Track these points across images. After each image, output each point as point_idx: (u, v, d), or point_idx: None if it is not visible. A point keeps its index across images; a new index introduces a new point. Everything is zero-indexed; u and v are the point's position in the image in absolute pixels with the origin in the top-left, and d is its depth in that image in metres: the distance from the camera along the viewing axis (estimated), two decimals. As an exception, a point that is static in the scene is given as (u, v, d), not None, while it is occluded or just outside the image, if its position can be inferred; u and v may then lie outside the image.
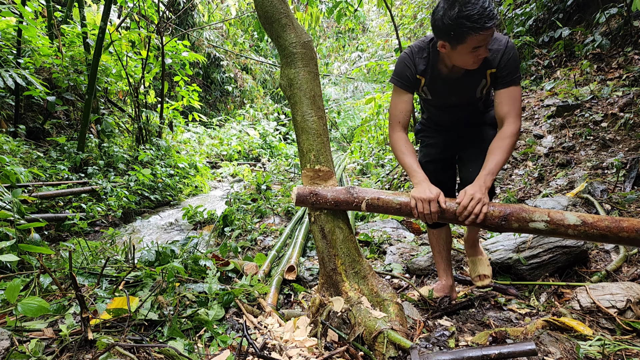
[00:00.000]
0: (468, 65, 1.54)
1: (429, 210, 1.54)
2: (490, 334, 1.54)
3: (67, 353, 1.43)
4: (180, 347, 1.53)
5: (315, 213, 1.79)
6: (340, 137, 15.88)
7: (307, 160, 1.82)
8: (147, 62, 7.15)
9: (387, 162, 7.10)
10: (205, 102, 14.26)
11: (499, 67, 1.59)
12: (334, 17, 6.99)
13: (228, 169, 9.41)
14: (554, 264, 2.15)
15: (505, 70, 1.57)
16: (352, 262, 1.74)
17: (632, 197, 2.63)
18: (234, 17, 13.35)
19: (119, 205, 5.06)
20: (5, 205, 2.74)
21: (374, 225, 3.66)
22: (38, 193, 4.16)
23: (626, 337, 1.52)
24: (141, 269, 2.14)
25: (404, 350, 1.38)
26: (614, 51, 4.76)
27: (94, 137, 6.39)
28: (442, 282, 2.07)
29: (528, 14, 6.04)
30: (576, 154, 3.66)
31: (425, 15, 10.51)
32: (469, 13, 1.37)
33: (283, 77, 1.94)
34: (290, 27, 1.92)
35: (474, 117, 1.89)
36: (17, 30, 5.41)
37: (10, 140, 4.85)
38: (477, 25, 1.37)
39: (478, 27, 1.38)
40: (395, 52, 6.44)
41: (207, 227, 4.55)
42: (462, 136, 1.89)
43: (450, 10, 1.41)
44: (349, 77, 17.24)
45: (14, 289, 1.49)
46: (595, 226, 1.43)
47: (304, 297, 2.27)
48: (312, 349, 1.56)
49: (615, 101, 3.92)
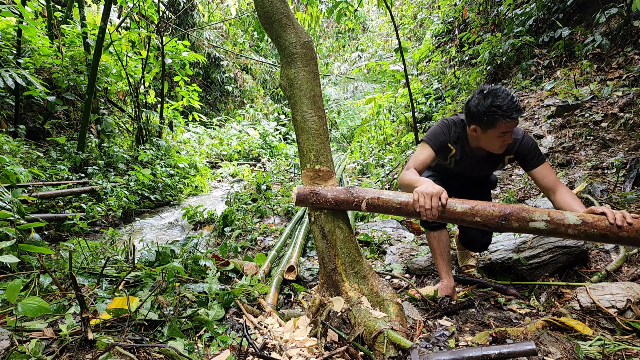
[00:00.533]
0: (495, 149, 1.82)
1: (430, 205, 1.56)
2: (490, 334, 1.54)
3: (67, 353, 1.43)
4: (180, 347, 1.53)
5: (315, 213, 1.79)
6: (340, 137, 15.88)
7: (307, 160, 1.82)
8: (147, 62, 7.15)
9: (387, 162, 7.10)
10: (205, 102, 14.27)
11: (518, 153, 1.91)
12: (334, 17, 6.99)
13: (228, 169, 9.41)
14: (554, 264, 2.15)
15: (530, 155, 1.88)
16: (352, 262, 1.74)
17: (632, 197, 2.63)
18: (234, 17, 13.36)
19: (119, 205, 5.06)
20: (5, 205, 2.74)
21: (374, 225, 3.66)
22: (38, 193, 4.16)
23: (626, 337, 1.52)
24: (141, 269, 2.14)
25: (404, 350, 1.38)
26: (614, 51, 4.76)
27: (94, 137, 6.39)
28: (444, 282, 2.08)
29: (528, 14, 6.04)
30: (576, 154, 3.66)
31: (425, 15, 10.51)
32: (500, 103, 1.68)
33: (283, 77, 1.94)
34: (290, 27, 1.92)
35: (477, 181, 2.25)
36: (17, 30, 5.41)
37: (10, 140, 4.85)
38: (507, 114, 1.67)
39: (507, 115, 1.67)
40: (395, 52, 6.44)
41: (207, 227, 4.55)
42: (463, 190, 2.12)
43: (485, 100, 1.73)
44: (349, 77, 17.24)
45: (14, 289, 1.49)
46: (595, 226, 1.43)
47: (304, 297, 2.27)
48: (312, 349, 1.56)
49: (615, 101, 3.92)
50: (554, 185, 1.81)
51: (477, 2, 7.61)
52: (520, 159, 1.92)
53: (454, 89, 7.68)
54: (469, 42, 7.68)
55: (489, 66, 6.61)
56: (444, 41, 9.09)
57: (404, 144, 7.26)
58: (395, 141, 8.01)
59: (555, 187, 1.81)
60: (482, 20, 7.39)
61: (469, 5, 7.85)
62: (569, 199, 1.74)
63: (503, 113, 1.67)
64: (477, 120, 1.78)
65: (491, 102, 1.70)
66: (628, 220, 1.40)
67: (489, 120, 1.72)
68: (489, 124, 1.73)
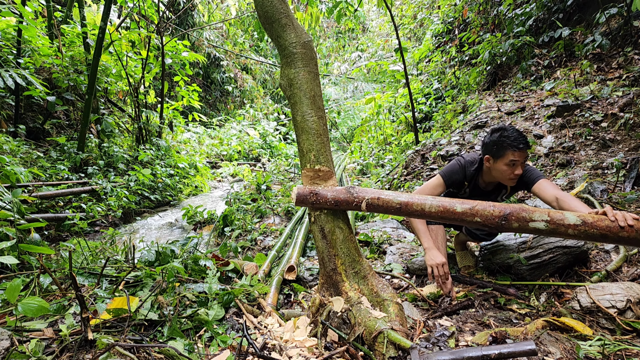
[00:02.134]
0: (505, 179, 2.01)
1: (443, 271, 1.93)
2: (490, 334, 1.54)
3: (67, 353, 1.43)
4: (180, 347, 1.53)
5: (315, 213, 1.79)
6: (340, 137, 15.88)
7: (307, 160, 1.82)
8: (147, 62, 7.15)
9: (387, 162, 7.10)
10: (205, 102, 14.27)
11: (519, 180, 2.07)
12: (334, 17, 6.99)
13: (228, 169, 9.41)
14: (554, 264, 2.15)
15: (528, 174, 2.04)
16: (352, 262, 1.74)
17: (632, 197, 2.63)
18: (234, 17, 13.36)
19: (119, 205, 5.06)
20: (5, 205, 2.74)
21: (374, 225, 3.66)
22: (38, 193, 4.16)
23: (626, 337, 1.52)
24: (141, 269, 2.14)
25: (404, 350, 1.38)
26: (614, 51, 4.76)
27: (94, 137, 6.39)
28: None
29: (528, 14, 6.04)
30: (576, 154, 3.66)
31: (425, 15, 10.51)
32: (508, 134, 1.95)
33: (283, 77, 1.94)
34: (290, 27, 1.92)
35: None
36: (17, 30, 5.41)
37: (10, 140, 4.85)
38: (514, 144, 1.92)
39: (514, 145, 1.92)
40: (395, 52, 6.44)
41: (207, 227, 4.55)
42: None
43: (496, 132, 2.01)
44: (349, 77, 17.24)
45: (14, 289, 1.49)
46: (595, 226, 1.43)
47: (304, 297, 2.27)
48: (312, 349, 1.56)
49: (615, 101, 3.92)
50: (555, 194, 1.89)
51: (477, 2, 7.61)
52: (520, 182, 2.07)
53: (454, 89, 7.68)
54: (469, 42, 7.68)
55: (489, 66, 6.61)
56: (444, 41, 9.09)
57: (404, 144, 7.27)
58: (395, 141, 8.01)
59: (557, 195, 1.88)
60: (482, 20, 7.39)
61: (469, 5, 7.85)
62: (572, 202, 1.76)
63: (511, 142, 1.92)
64: (489, 150, 2.02)
65: (500, 134, 1.97)
66: (629, 222, 1.41)
67: (498, 149, 1.97)
68: (499, 152, 1.97)
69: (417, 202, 1.66)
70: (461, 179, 2.16)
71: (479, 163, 2.15)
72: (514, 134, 1.94)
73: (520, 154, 1.92)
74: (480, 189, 2.22)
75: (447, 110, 6.81)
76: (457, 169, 2.16)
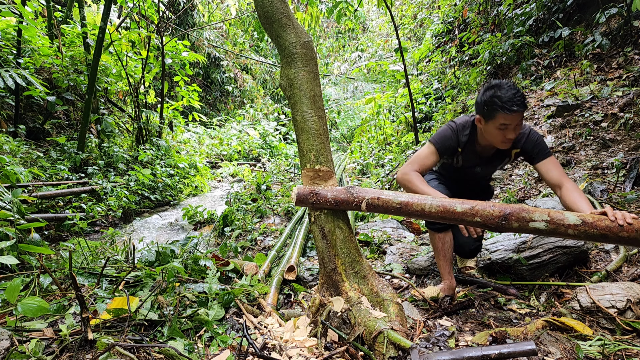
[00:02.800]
0: (497, 142, 1.83)
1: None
2: (490, 334, 1.54)
3: (67, 353, 1.43)
4: (180, 347, 1.53)
5: (315, 213, 1.79)
6: (340, 137, 15.88)
7: (307, 160, 1.82)
8: (147, 62, 7.15)
9: (387, 162, 7.10)
10: (205, 102, 14.26)
11: (524, 147, 1.91)
12: (334, 17, 6.99)
13: (228, 169, 9.41)
14: (554, 264, 2.15)
15: (537, 148, 1.88)
16: (352, 262, 1.74)
17: (632, 197, 2.63)
18: (234, 17, 13.35)
19: (119, 205, 5.06)
20: (5, 205, 2.73)
21: (374, 225, 3.66)
22: (38, 193, 4.16)
23: (626, 337, 1.52)
24: (141, 269, 2.14)
25: (404, 350, 1.38)
26: (614, 51, 4.76)
27: (94, 137, 6.39)
28: (446, 283, 2.09)
29: (528, 14, 6.04)
30: (576, 154, 3.66)
31: (425, 15, 10.51)
32: (501, 95, 1.71)
33: (283, 77, 1.94)
34: (290, 27, 1.92)
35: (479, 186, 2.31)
36: (17, 30, 5.41)
37: (10, 140, 4.84)
38: (506, 106, 1.69)
39: (506, 108, 1.69)
40: (395, 52, 6.44)
41: (207, 227, 4.55)
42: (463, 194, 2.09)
43: (488, 91, 1.77)
44: (349, 77, 17.24)
45: (14, 289, 1.49)
46: (595, 226, 1.43)
47: (304, 297, 2.27)
48: (312, 349, 1.56)
49: (615, 101, 3.92)
50: (559, 180, 1.79)
51: (477, 2, 7.61)
52: (525, 153, 1.92)
53: (454, 89, 7.68)
54: (469, 42, 7.67)
55: (489, 66, 6.61)
56: (444, 41, 9.09)
57: (404, 144, 7.27)
58: (395, 141, 8.01)
59: (561, 182, 1.78)
60: (482, 20, 7.39)
61: (469, 5, 7.85)
62: (575, 197, 1.70)
63: (502, 105, 1.70)
64: (480, 111, 1.83)
65: (493, 94, 1.74)
66: (628, 220, 1.41)
67: (489, 110, 1.76)
68: (490, 114, 1.77)
69: (417, 202, 1.66)
70: (454, 145, 1.97)
71: (472, 126, 1.96)
72: (508, 94, 1.70)
73: (512, 117, 1.71)
74: (477, 154, 2.02)
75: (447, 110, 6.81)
76: (449, 134, 1.97)
